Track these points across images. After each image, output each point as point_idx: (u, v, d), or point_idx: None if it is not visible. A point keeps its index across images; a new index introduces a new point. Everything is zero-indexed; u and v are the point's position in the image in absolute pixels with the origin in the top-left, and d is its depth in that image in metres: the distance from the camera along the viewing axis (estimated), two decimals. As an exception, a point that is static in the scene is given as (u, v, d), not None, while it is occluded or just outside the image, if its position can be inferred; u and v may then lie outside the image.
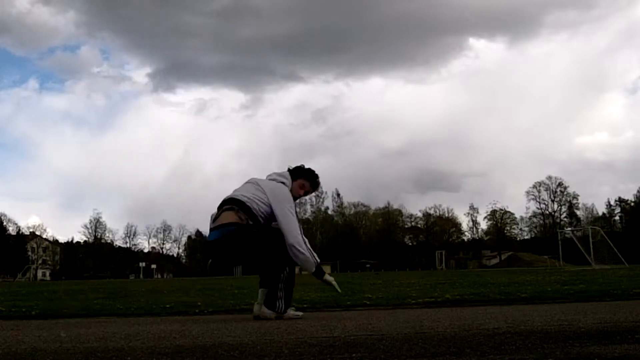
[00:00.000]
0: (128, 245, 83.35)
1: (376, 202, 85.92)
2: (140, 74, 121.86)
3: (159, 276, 70.70)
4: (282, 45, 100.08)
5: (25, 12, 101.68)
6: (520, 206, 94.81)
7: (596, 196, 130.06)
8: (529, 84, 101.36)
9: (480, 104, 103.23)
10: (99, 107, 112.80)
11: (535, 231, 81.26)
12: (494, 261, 76.34)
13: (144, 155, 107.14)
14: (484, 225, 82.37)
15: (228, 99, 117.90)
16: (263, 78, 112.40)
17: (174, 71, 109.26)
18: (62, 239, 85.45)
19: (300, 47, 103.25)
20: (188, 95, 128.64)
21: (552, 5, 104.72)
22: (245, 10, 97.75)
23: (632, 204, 77.70)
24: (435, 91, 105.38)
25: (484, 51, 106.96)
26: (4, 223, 75.61)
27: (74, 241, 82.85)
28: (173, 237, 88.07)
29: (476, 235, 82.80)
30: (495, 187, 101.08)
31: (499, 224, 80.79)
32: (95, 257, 77.53)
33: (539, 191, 79.30)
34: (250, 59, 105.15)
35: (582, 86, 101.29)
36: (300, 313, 4.24)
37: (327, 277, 4.28)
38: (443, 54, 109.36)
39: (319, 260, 4.27)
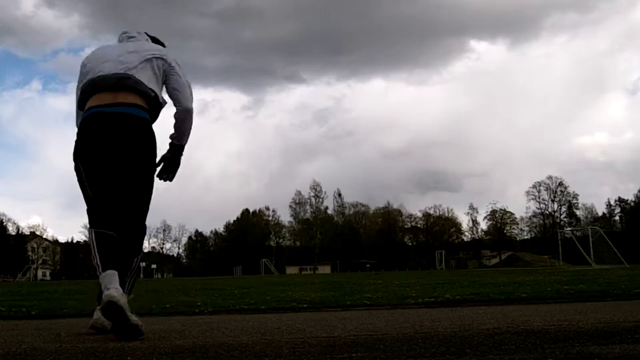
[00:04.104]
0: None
1: (376, 202, 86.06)
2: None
3: (159, 276, 70.68)
4: (284, 46, 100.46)
5: (30, 15, 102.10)
6: (521, 206, 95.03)
7: (596, 196, 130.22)
8: (529, 85, 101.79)
9: (480, 105, 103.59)
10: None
11: (535, 231, 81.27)
12: (494, 261, 76.34)
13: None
14: (483, 225, 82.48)
15: (230, 100, 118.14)
16: (265, 79, 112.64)
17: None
18: (63, 238, 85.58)
19: (302, 48, 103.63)
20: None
21: (552, 8, 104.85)
22: (248, 12, 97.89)
23: (632, 204, 77.70)
24: (437, 92, 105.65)
25: (485, 53, 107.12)
26: (4, 223, 75.64)
27: (74, 241, 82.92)
28: (173, 237, 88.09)
29: (476, 235, 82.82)
30: (496, 187, 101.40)
31: (498, 224, 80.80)
32: (95, 257, 77.45)
33: (539, 191, 79.40)
34: (252, 60, 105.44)
35: (583, 87, 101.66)
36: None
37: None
38: (444, 56, 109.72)
39: None
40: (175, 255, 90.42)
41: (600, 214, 78.58)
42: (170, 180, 3.38)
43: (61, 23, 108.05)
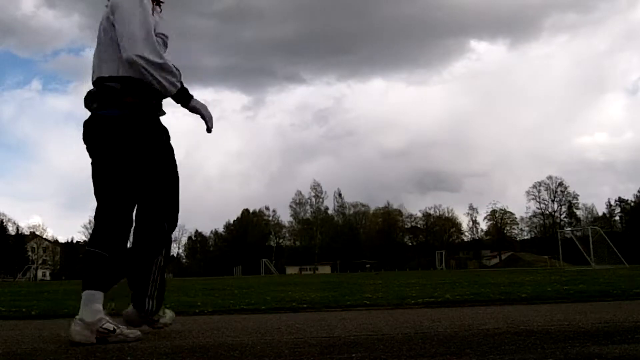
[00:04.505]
0: (128, 244, 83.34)
1: (376, 202, 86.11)
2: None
3: (159, 276, 70.45)
4: (284, 47, 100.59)
5: (30, 15, 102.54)
6: (521, 206, 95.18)
7: (596, 196, 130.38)
8: (529, 86, 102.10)
9: (481, 105, 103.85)
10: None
11: (536, 231, 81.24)
12: (494, 261, 76.33)
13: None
14: (483, 225, 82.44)
15: (230, 100, 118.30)
16: (265, 79, 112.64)
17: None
18: (62, 238, 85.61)
19: (303, 48, 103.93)
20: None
21: (551, 8, 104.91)
22: (248, 12, 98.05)
23: (632, 204, 77.67)
24: (437, 93, 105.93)
25: (485, 53, 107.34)
26: (4, 223, 75.63)
27: (74, 241, 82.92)
28: (173, 237, 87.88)
29: (476, 235, 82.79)
30: (496, 187, 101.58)
31: (498, 224, 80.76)
32: (95, 257, 77.32)
33: (539, 191, 79.39)
34: (252, 60, 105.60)
35: (583, 87, 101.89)
36: (168, 320, 3.15)
37: (196, 102, 3.12)
38: (444, 56, 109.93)
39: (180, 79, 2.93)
40: (175, 255, 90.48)
41: (600, 214, 78.63)
42: (208, 129, 3.12)
43: (61, 23, 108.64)
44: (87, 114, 2.92)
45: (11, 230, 76.80)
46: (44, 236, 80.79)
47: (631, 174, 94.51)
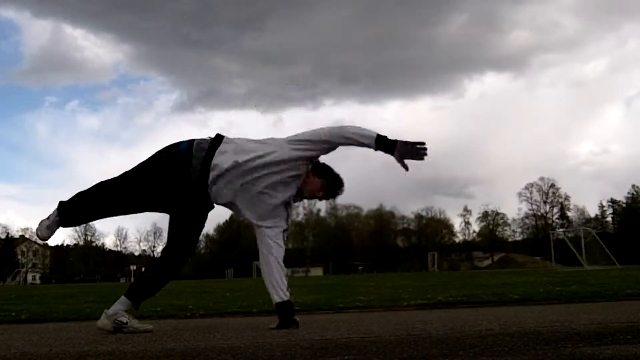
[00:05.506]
0: (119, 248, 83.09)
1: (369, 204, 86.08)
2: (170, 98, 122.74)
3: (151, 279, 70.15)
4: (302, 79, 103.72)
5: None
6: (513, 208, 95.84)
7: (587, 199, 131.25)
8: (528, 103, 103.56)
9: (479, 122, 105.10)
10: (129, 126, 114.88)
11: (527, 232, 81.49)
12: (487, 263, 76.50)
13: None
14: (476, 227, 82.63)
15: (253, 120, 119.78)
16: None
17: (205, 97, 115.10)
18: (52, 242, 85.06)
19: (319, 78, 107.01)
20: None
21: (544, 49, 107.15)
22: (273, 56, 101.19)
23: (624, 204, 78.08)
24: (440, 112, 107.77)
25: (489, 84, 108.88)
26: (-7, 227, 75.04)
27: (65, 244, 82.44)
28: (164, 240, 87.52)
29: (468, 237, 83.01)
30: (490, 191, 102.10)
31: (491, 226, 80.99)
32: (85, 261, 77.03)
33: (530, 192, 79.58)
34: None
35: (577, 100, 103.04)
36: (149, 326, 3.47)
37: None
38: (449, 84, 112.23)
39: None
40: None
41: (592, 215, 78.99)
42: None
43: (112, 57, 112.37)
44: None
45: (0, 233, 76.30)
46: (34, 239, 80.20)
47: (624, 183, 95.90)
